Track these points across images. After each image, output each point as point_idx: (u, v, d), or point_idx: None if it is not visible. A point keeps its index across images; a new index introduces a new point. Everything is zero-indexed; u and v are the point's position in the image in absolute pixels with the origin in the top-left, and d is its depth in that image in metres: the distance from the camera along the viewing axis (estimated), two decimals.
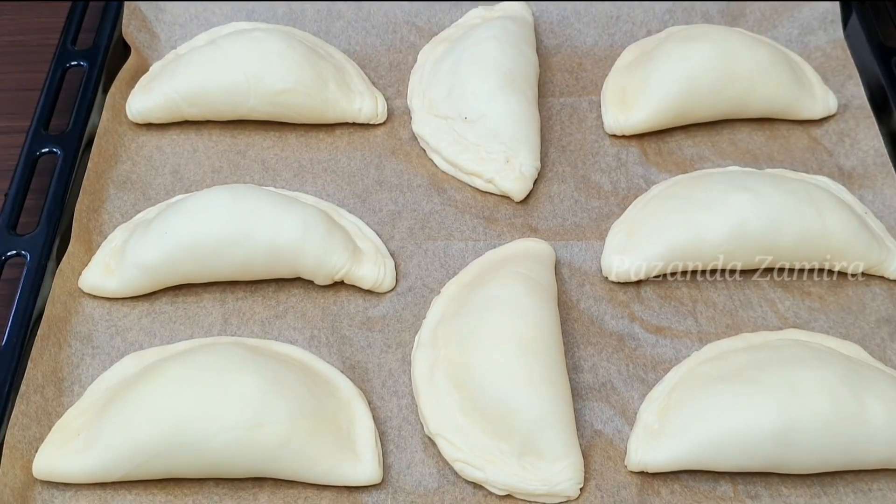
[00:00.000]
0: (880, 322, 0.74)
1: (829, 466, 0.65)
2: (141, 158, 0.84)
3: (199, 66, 0.83)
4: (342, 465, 0.64)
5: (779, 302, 0.75)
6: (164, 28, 0.92)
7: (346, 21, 0.93)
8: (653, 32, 0.93)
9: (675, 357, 0.72)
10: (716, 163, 0.84)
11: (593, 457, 0.67)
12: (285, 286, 0.76)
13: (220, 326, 0.74)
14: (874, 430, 0.64)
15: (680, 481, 0.66)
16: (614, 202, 0.82)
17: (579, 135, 0.87)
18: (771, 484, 0.66)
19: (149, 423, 0.63)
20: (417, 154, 0.85)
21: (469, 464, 0.65)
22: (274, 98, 0.83)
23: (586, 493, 0.65)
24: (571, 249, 0.79)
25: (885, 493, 0.66)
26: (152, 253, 0.72)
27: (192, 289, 0.75)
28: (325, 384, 0.68)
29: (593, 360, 0.72)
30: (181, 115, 0.85)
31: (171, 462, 0.63)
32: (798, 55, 0.90)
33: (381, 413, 0.69)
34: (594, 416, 0.69)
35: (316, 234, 0.73)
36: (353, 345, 0.73)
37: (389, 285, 0.75)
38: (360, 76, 0.88)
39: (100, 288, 0.74)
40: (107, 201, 0.80)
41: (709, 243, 0.74)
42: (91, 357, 0.72)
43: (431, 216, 0.81)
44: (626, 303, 0.76)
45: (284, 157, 0.84)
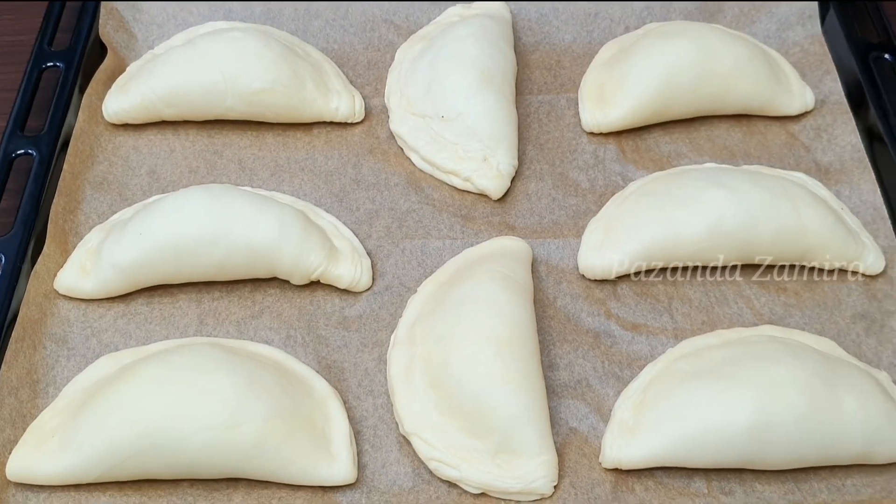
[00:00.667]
0: (855, 317, 0.74)
1: (803, 462, 0.65)
2: (118, 159, 0.84)
3: (175, 65, 0.83)
4: (317, 464, 0.64)
5: (755, 298, 0.75)
6: (142, 28, 0.92)
7: (324, 20, 0.93)
8: (631, 29, 0.93)
9: (651, 354, 0.72)
10: (693, 160, 0.85)
11: (568, 454, 0.67)
12: (262, 286, 0.76)
13: (195, 327, 0.73)
14: (847, 426, 0.64)
15: (654, 478, 0.66)
16: (592, 200, 0.82)
17: (557, 132, 0.87)
18: (745, 480, 0.66)
19: (124, 424, 0.63)
20: (395, 153, 0.85)
21: (444, 462, 0.65)
22: (251, 97, 0.83)
23: (560, 490, 0.66)
24: (549, 247, 0.79)
25: (858, 489, 0.66)
26: (128, 254, 0.72)
27: (169, 289, 0.75)
28: (301, 384, 0.68)
29: (569, 358, 0.72)
30: (158, 115, 0.84)
31: (147, 463, 0.63)
32: (776, 51, 0.90)
33: (357, 412, 0.69)
34: (569, 414, 0.70)
35: (292, 233, 0.73)
36: (330, 344, 0.73)
37: (366, 284, 0.75)
38: (337, 75, 0.87)
39: (75, 289, 0.74)
40: (83, 202, 0.80)
41: (685, 240, 0.74)
42: (66, 359, 0.72)
43: (409, 215, 0.81)
44: (603, 300, 0.76)
45: (261, 157, 0.84)
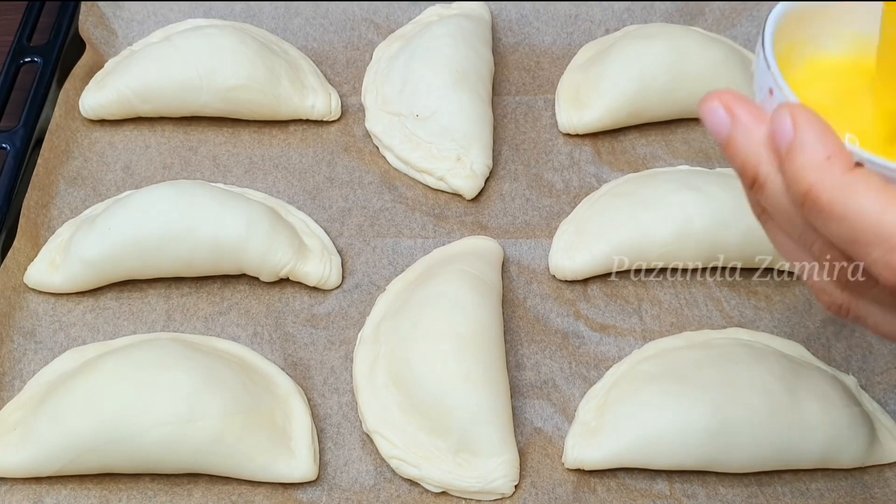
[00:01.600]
0: (826, 322, 0.74)
1: (766, 465, 0.65)
2: (93, 154, 0.84)
3: (151, 62, 0.83)
4: (277, 461, 0.64)
5: (725, 301, 0.75)
6: (122, 25, 0.92)
7: (303, 18, 0.93)
8: (611, 31, 0.93)
9: (619, 355, 0.72)
10: (669, 162, 0.84)
11: (531, 454, 0.67)
12: (231, 283, 0.76)
13: (163, 322, 0.74)
14: (810, 429, 0.64)
15: (616, 479, 0.66)
16: (566, 201, 0.82)
17: (533, 133, 0.86)
18: (708, 483, 0.66)
19: (83, 417, 0.63)
20: (370, 151, 0.85)
21: (405, 461, 0.65)
22: (226, 94, 0.83)
23: (521, 490, 0.65)
24: (520, 247, 0.79)
25: (822, 493, 0.66)
26: (96, 248, 0.72)
27: (138, 285, 0.75)
28: (264, 381, 0.68)
29: (536, 358, 0.72)
30: (134, 111, 0.85)
31: (106, 457, 0.63)
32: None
33: (321, 410, 0.69)
34: (534, 414, 0.69)
35: (259, 230, 0.73)
36: (297, 342, 0.73)
37: (335, 282, 0.75)
38: (314, 73, 0.88)
39: (45, 283, 0.74)
40: (56, 197, 0.80)
41: (653, 242, 0.74)
42: (33, 352, 0.72)
43: (381, 213, 0.81)
44: (573, 301, 0.76)
45: (236, 154, 0.84)
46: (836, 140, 0.39)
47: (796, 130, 0.39)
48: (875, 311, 0.44)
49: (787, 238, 0.44)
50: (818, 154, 0.39)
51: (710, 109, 0.43)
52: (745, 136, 0.42)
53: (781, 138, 0.40)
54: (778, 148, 0.41)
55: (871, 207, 0.38)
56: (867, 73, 0.48)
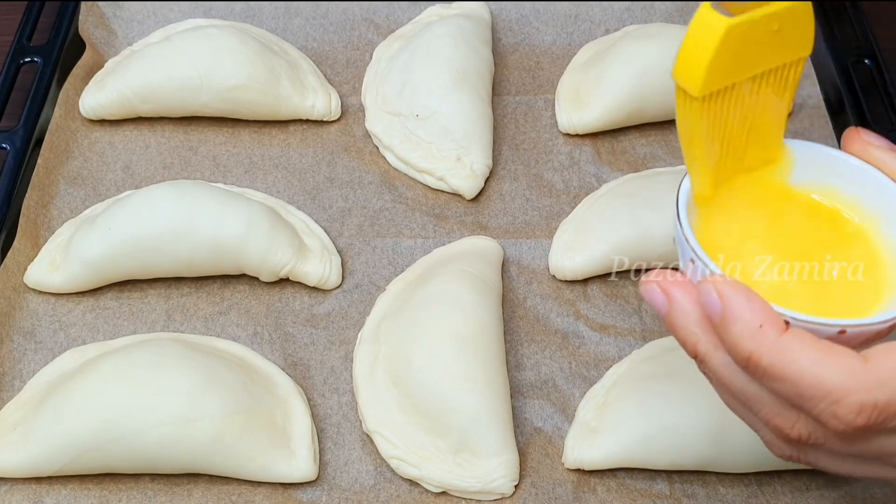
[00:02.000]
0: None
1: (765, 465, 0.65)
2: (93, 154, 0.84)
3: (151, 62, 0.83)
4: (277, 461, 0.64)
5: None
6: (122, 25, 0.92)
7: (303, 18, 0.93)
8: (611, 31, 0.93)
9: (619, 355, 0.72)
10: (668, 162, 0.84)
11: (531, 454, 0.67)
12: (231, 283, 0.76)
13: (163, 322, 0.73)
14: None
15: (616, 479, 0.66)
16: (566, 201, 0.82)
17: (533, 133, 0.86)
18: (708, 483, 0.66)
19: (83, 417, 0.63)
20: (370, 151, 0.85)
21: (405, 461, 0.65)
22: (226, 94, 0.83)
23: (521, 490, 0.65)
24: (520, 247, 0.79)
25: (822, 493, 0.66)
26: (96, 249, 0.72)
27: (138, 284, 0.75)
28: (263, 381, 0.68)
29: (536, 358, 0.72)
30: (134, 111, 0.85)
31: (106, 457, 0.63)
32: None
33: (321, 410, 0.69)
34: (534, 414, 0.69)
35: (259, 230, 0.73)
36: (297, 342, 0.73)
37: (335, 282, 0.75)
38: (314, 73, 0.88)
39: (45, 283, 0.74)
40: (56, 197, 0.80)
41: (655, 242, 0.74)
42: (33, 352, 0.72)
43: (381, 213, 0.81)
44: (573, 301, 0.75)
45: (236, 154, 0.84)
46: (764, 306, 0.42)
47: (724, 304, 0.42)
48: (824, 457, 0.46)
49: (735, 401, 0.47)
50: (751, 324, 0.42)
51: (648, 290, 0.46)
52: (682, 316, 0.45)
53: (711, 311, 0.43)
54: (711, 319, 0.44)
55: (809, 366, 0.41)
56: None
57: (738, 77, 0.47)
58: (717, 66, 0.45)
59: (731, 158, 0.51)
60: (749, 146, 0.51)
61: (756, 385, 0.44)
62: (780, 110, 0.51)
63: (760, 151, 0.52)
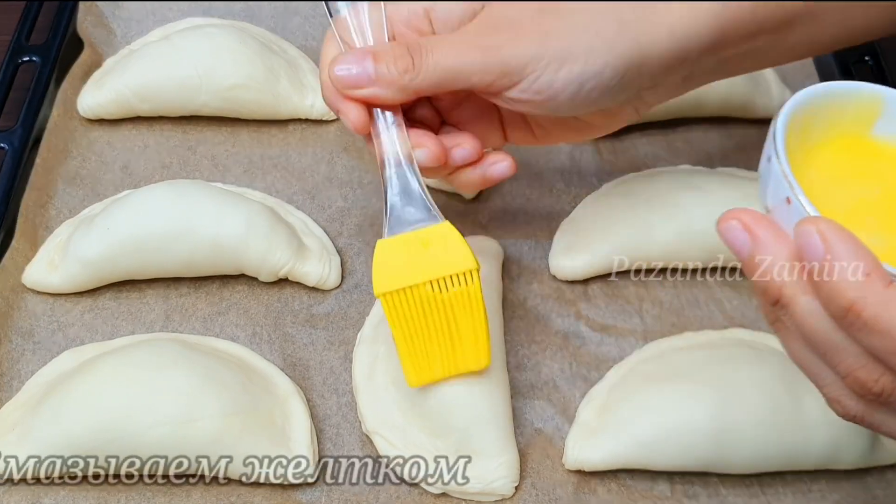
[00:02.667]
0: None
1: (767, 466, 0.65)
2: (91, 154, 0.83)
3: (149, 61, 0.83)
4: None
5: (726, 301, 0.75)
6: (121, 24, 0.92)
7: (302, 17, 0.93)
8: None
9: (620, 355, 0.72)
10: (670, 162, 0.84)
11: (532, 455, 0.67)
12: (230, 283, 0.75)
13: (161, 322, 0.73)
14: (811, 430, 0.63)
15: (617, 480, 0.66)
16: (566, 201, 0.81)
17: None
18: (709, 484, 0.66)
19: (81, 418, 0.62)
20: (370, 151, 0.83)
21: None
22: (225, 93, 0.82)
23: (522, 491, 0.65)
24: (521, 247, 0.78)
25: (824, 494, 0.66)
26: (94, 248, 0.72)
27: (137, 285, 0.75)
28: (263, 381, 0.68)
29: (537, 359, 0.72)
30: (132, 110, 0.84)
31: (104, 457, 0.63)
32: None
33: (321, 410, 0.69)
34: (535, 415, 0.69)
35: (259, 230, 0.72)
36: (296, 342, 0.73)
37: (334, 282, 0.75)
38: (313, 72, 0.87)
39: (43, 283, 0.74)
40: (55, 197, 0.80)
41: (656, 242, 0.74)
42: (32, 353, 0.71)
43: (381, 213, 0.80)
44: (573, 301, 0.75)
45: (235, 153, 0.84)
46: (871, 255, 0.41)
47: (828, 247, 0.41)
48: (890, 418, 0.45)
49: (808, 351, 0.45)
50: (857, 271, 0.40)
51: (728, 228, 0.45)
52: (768, 257, 0.44)
53: (812, 255, 0.41)
54: (808, 264, 0.42)
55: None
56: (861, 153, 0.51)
57: (410, 281, 0.60)
58: (381, 272, 0.60)
59: (441, 354, 0.62)
60: (459, 341, 0.62)
61: (842, 334, 0.42)
62: (473, 315, 0.61)
63: (469, 348, 0.62)
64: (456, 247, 0.60)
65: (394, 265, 0.60)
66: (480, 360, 0.63)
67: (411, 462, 0.64)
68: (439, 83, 0.58)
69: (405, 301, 0.60)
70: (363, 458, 0.67)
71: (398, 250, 0.60)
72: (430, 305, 0.60)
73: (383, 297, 0.60)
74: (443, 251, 0.60)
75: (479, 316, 0.61)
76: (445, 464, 0.64)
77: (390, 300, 0.60)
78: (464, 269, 0.60)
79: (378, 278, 0.60)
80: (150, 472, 0.64)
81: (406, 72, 0.57)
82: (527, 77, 0.57)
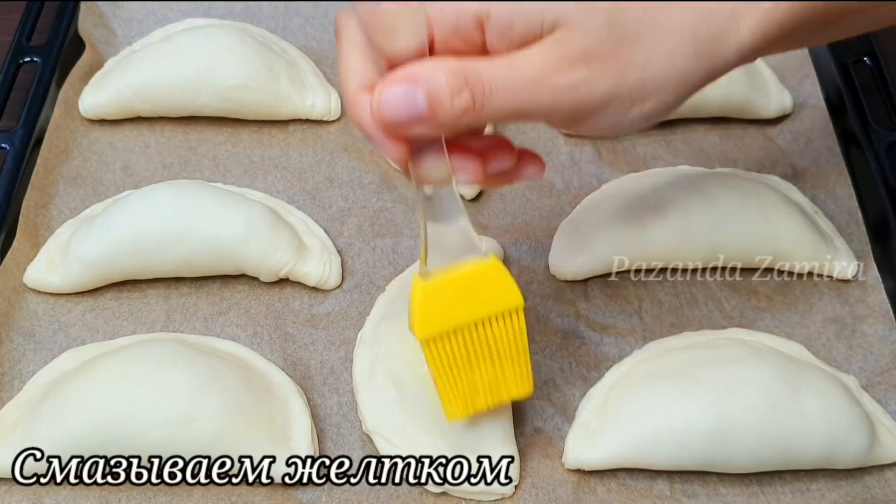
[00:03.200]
0: (826, 322, 0.74)
1: (766, 465, 0.65)
2: (92, 154, 0.84)
3: (150, 61, 0.83)
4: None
5: (725, 301, 0.75)
6: (122, 24, 0.92)
7: (303, 17, 0.93)
8: None
9: (619, 355, 0.72)
10: (669, 162, 0.84)
11: (531, 455, 0.67)
12: (230, 283, 0.76)
13: (162, 322, 0.73)
14: (810, 429, 0.63)
15: (617, 479, 0.66)
16: (566, 201, 0.82)
17: (534, 133, 0.86)
18: (709, 483, 0.66)
19: (82, 417, 0.63)
20: (370, 151, 0.85)
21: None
22: (225, 94, 0.83)
23: (521, 490, 0.65)
24: (521, 248, 0.79)
25: (823, 493, 0.66)
26: (95, 249, 0.72)
27: (137, 285, 0.75)
28: (263, 381, 0.68)
29: (536, 359, 0.72)
30: (133, 111, 0.84)
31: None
32: None
33: (321, 410, 0.69)
34: (534, 415, 0.69)
35: (259, 230, 0.72)
36: (297, 342, 0.73)
37: (335, 282, 0.75)
38: (314, 72, 0.87)
39: (44, 283, 0.74)
40: (56, 197, 0.80)
41: (655, 242, 0.74)
42: (33, 352, 0.72)
43: (381, 213, 0.80)
44: (573, 301, 0.75)
45: (236, 154, 0.84)
46: None
47: None
48: None
49: None
50: None
51: None
52: None
53: None
54: None
55: None
56: None
57: (454, 323, 0.56)
58: (422, 312, 0.56)
59: (483, 386, 0.60)
60: (505, 377, 0.60)
61: None
62: (518, 349, 0.59)
63: (511, 378, 0.61)
64: (502, 283, 0.56)
65: (435, 304, 0.55)
66: (522, 388, 0.61)
67: (411, 462, 0.65)
68: (499, 121, 0.54)
69: (447, 342, 0.57)
70: (363, 458, 0.67)
71: (439, 287, 0.55)
72: (473, 343, 0.57)
73: (426, 341, 0.56)
74: (487, 287, 0.56)
75: (522, 348, 0.59)
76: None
77: (432, 342, 0.57)
78: (511, 307, 0.57)
79: (420, 320, 0.56)
80: (150, 472, 0.64)
81: (465, 113, 0.48)
82: (594, 117, 0.51)
